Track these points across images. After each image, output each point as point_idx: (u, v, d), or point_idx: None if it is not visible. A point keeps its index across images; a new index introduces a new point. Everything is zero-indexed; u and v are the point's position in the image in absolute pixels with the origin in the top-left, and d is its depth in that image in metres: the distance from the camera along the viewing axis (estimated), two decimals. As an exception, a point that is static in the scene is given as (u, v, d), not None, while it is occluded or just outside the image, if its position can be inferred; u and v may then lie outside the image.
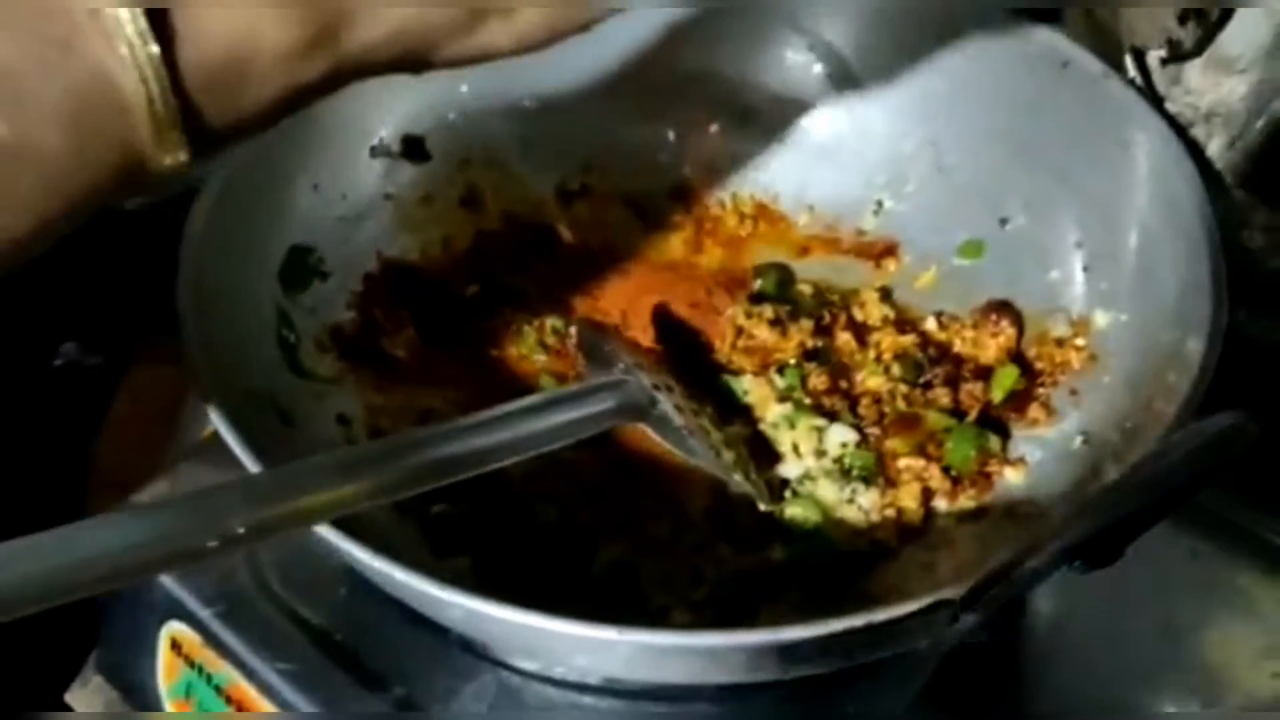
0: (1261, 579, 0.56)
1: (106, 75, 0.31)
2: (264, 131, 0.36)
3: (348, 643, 0.51)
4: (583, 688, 0.50)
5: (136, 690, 0.57)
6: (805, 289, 0.62)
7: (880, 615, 0.37)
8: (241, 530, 0.36)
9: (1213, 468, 0.35)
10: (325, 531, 0.39)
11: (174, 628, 0.54)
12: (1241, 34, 0.54)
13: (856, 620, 0.37)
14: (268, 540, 0.38)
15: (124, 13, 0.31)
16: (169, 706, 0.55)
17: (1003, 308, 0.59)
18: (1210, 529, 0.56)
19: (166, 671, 0.55)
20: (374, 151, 0.60)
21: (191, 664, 0.54)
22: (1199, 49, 0.55)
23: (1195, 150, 0.56)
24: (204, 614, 0.53)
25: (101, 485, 0.65)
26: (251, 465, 0.41)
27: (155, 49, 0.31)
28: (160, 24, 0.32)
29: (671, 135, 0.66)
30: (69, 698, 0.58)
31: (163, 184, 0.34)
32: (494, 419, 0.44)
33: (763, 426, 0.55)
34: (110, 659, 0.58)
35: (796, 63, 0.65)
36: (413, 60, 0.38)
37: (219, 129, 0.34)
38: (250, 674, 0.51)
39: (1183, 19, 0.53)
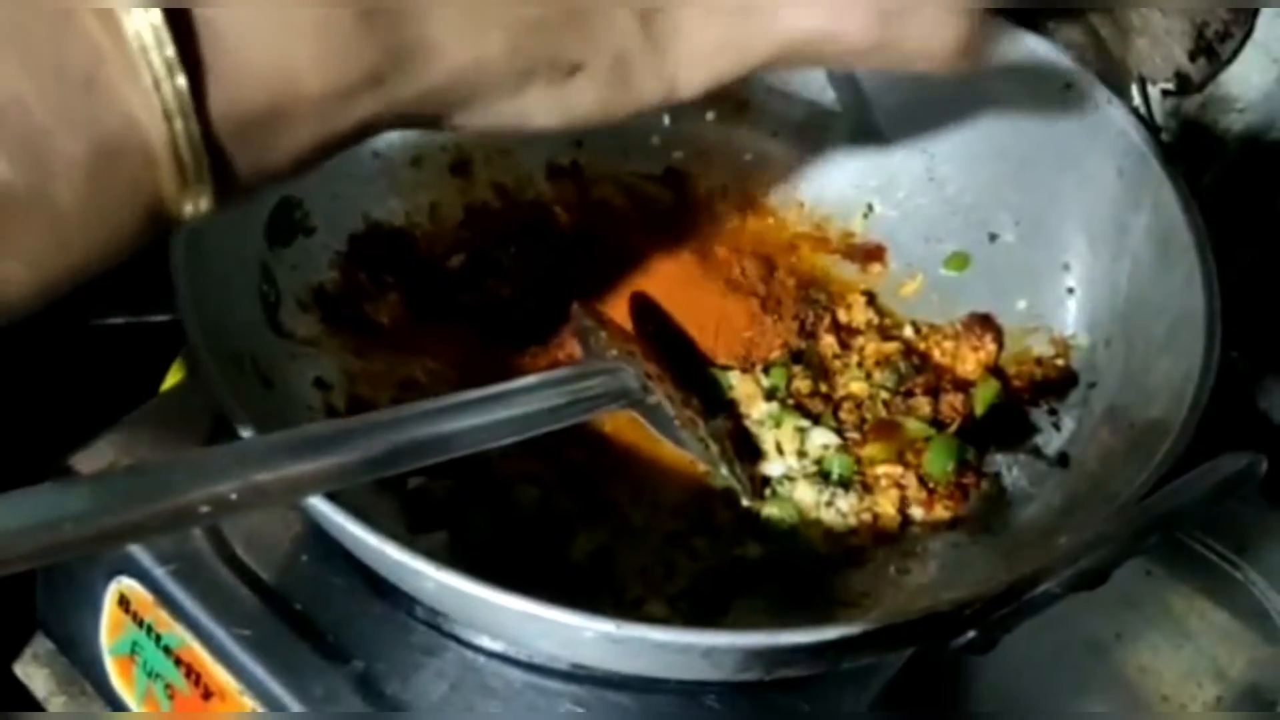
0: (1195, 598, 0.57)
1: (131, 121, 0.27)
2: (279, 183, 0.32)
3: (308, 612, 0.50)
4: (546, 671, 0.49)
5: (75, 645, 0.55)
6: (789, 280, 0.62)
7: (875, 623, 0.37)
8: (234, 496, 0.34)
9: (1218, 503, 0.36)
10: (317, 502, 0.38)
11: (124, 583, 0.52)
12: (1245, 76, 0.55)
13: (853, 628, 0.37)
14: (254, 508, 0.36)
15: (148, 35, 0.27)
16: (110, 664, 0.54)
17: (985, 322, 0.59)
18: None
19: (110, 628, 0.53)
20: (368, 106, 0.58)
21: (140, 622, 0.52)
22: (1202, 86, 0.55)
23: (1192, 185, 0.57)
24: (158, 571, 0.51)
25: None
26: (243, 430, 0.39)
27: (183, 81, 0.27)
28: (189, 52, 0.27)
29: (666, 120, 0.65)
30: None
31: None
32: (492, 396, 0.43)
33: (747, 423, 0.55)
34: (50, 612, 0.56)
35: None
36: (442, 118, 0.34)
37: (244, 179, 0.30)
38: (204, 637, 0.49)
39: (1193, 55, 0.53)
